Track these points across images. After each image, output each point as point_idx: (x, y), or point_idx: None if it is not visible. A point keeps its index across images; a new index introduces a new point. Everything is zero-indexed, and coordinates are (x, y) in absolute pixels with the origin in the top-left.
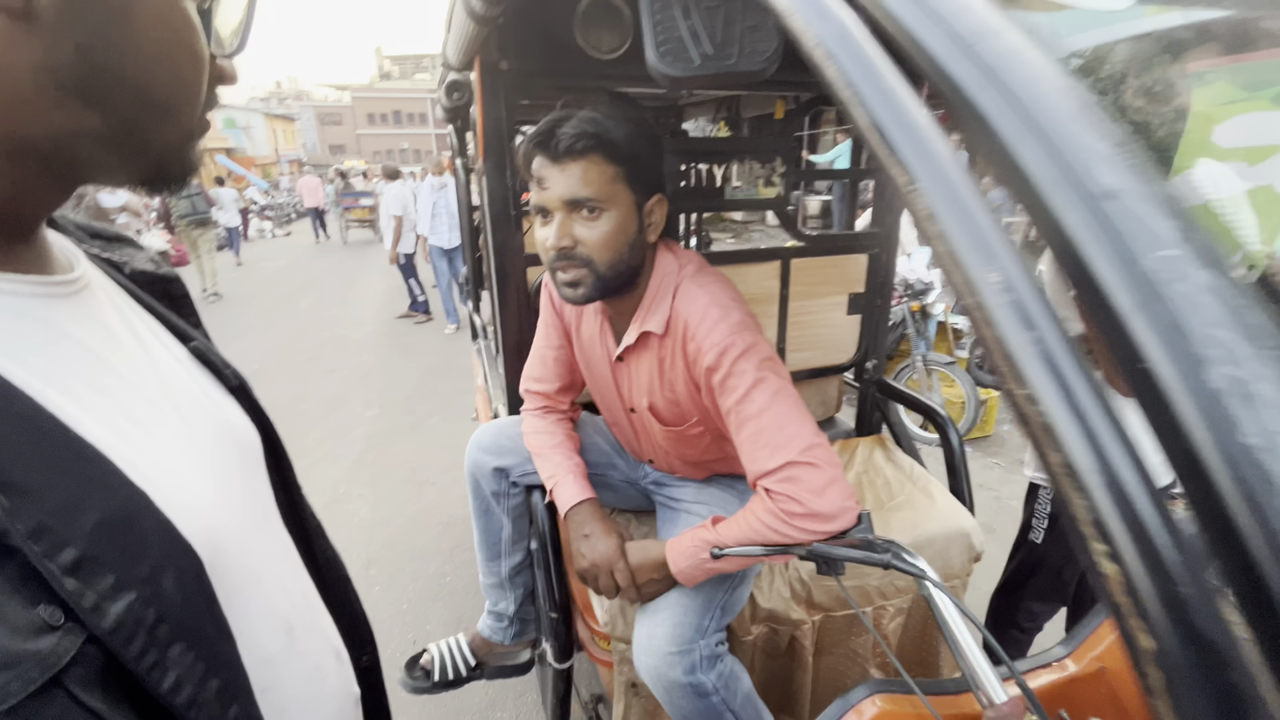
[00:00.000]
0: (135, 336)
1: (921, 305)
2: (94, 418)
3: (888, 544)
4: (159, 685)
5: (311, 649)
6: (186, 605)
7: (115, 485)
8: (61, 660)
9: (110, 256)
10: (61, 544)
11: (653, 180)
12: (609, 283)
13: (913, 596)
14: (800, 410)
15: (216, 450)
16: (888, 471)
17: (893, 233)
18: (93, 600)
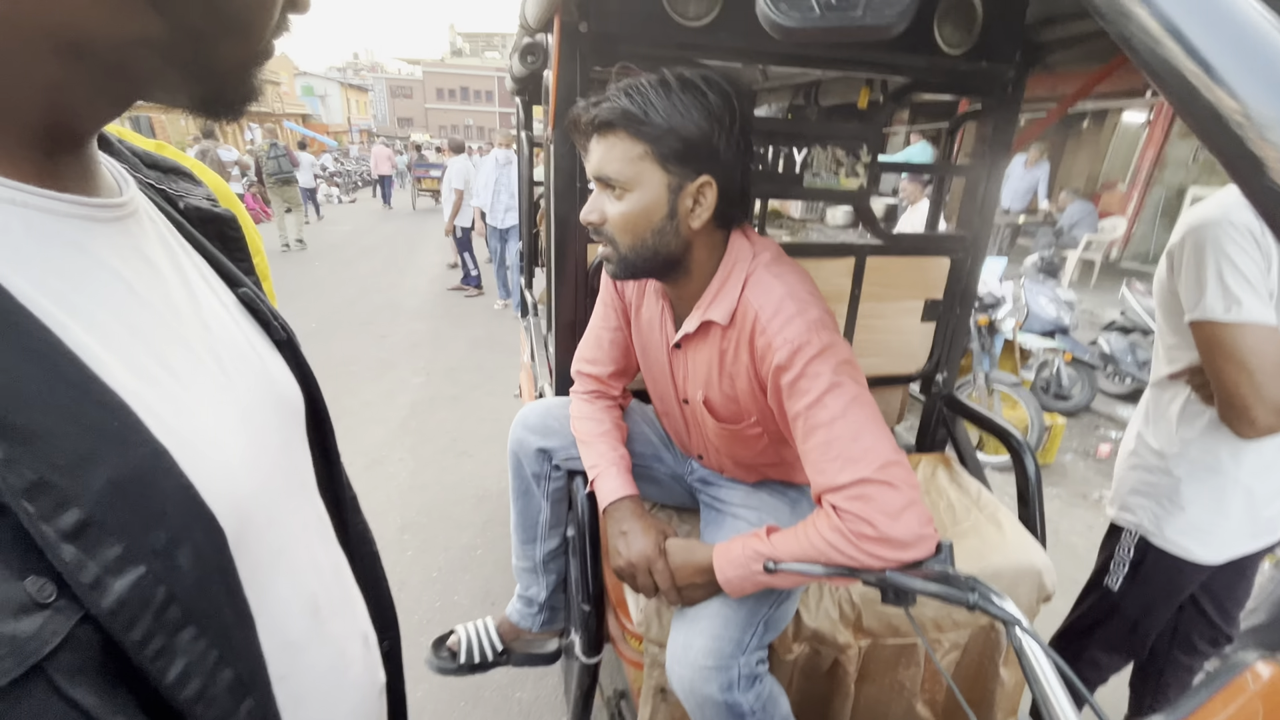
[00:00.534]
0: (180, 275)
1: (990, 320)
2: (121, 359)
3: (971, 581)
4: (163, 676)
5: (338, 633)
6: (203, 584)
7: (135, 439)
8: (46, 646)
9: (166, 188)
10: (63, 504)
11: (700, 161)
12: (634, 265)
13: (971, 633)
14: (878, 422)
15: (256, 408)
16: (951, 494)
17: (980, 237)
18: (94, 573)
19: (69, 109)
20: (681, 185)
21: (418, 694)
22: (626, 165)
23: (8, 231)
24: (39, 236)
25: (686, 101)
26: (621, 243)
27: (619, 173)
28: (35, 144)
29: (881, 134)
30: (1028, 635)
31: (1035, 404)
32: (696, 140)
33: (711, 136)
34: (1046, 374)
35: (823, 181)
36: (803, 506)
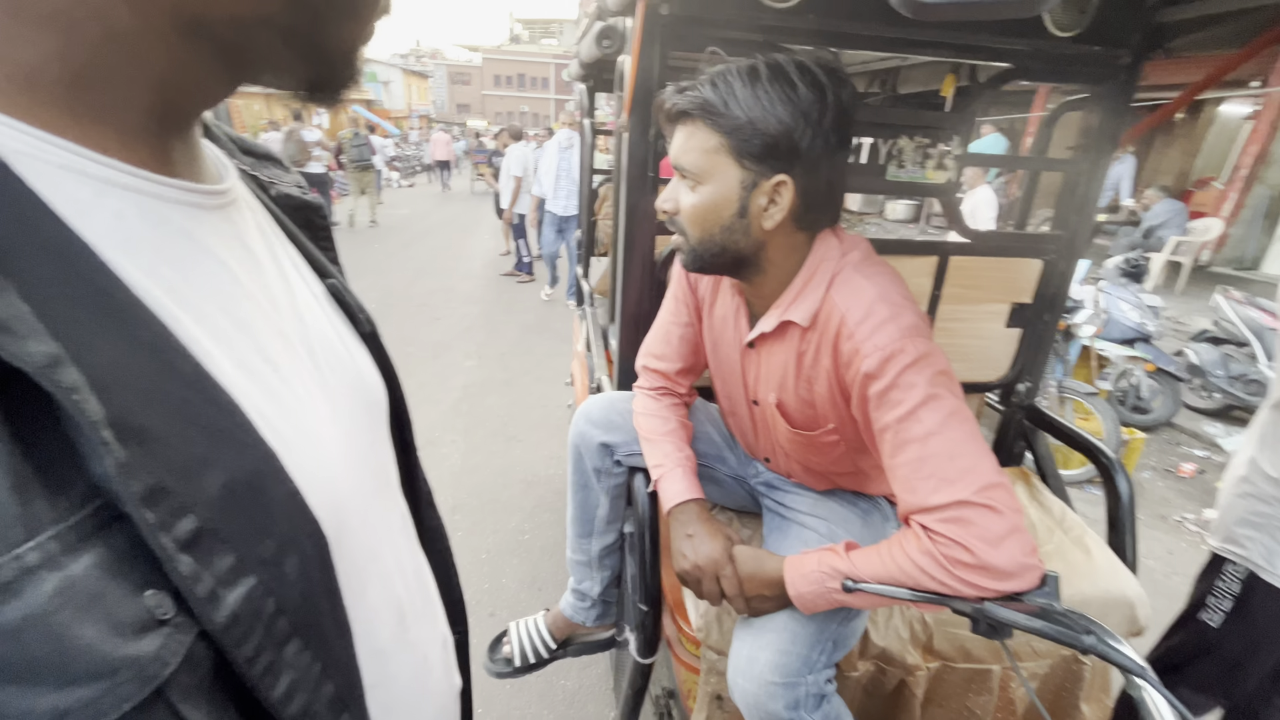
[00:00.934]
0: (276, 265)
1: (1066, 325)
2: (229, 354)
3: (1084, 620)
4: (270, 692)
5: (421, 638)
6: (308, 594)
7: (247, 441)
8: (167, 668)
9: (259, 175)
10: (179, 511)
11: (779, 159)
12: (703, 259)
13: (1051, 664)
14: (977, 440)
15: (347, 404)
16: (1032, 513)
17: (1079, 238)
18: (209, 586)
19: (183, 90)
20: (756, 183)
21: None
22: (701, 156)
23: (122, 218)
24: (152, 223)
25: (772, 94)
26: (691, 235)
27: (693, 163)
28: (149, 127)
29: (973, 124)
30: (1154, 690)
31: (1112, 416)
32: (777, 136)
33: (794, 133)
34: (1125, 384)
35: (908, 175)
36: (874, 518)
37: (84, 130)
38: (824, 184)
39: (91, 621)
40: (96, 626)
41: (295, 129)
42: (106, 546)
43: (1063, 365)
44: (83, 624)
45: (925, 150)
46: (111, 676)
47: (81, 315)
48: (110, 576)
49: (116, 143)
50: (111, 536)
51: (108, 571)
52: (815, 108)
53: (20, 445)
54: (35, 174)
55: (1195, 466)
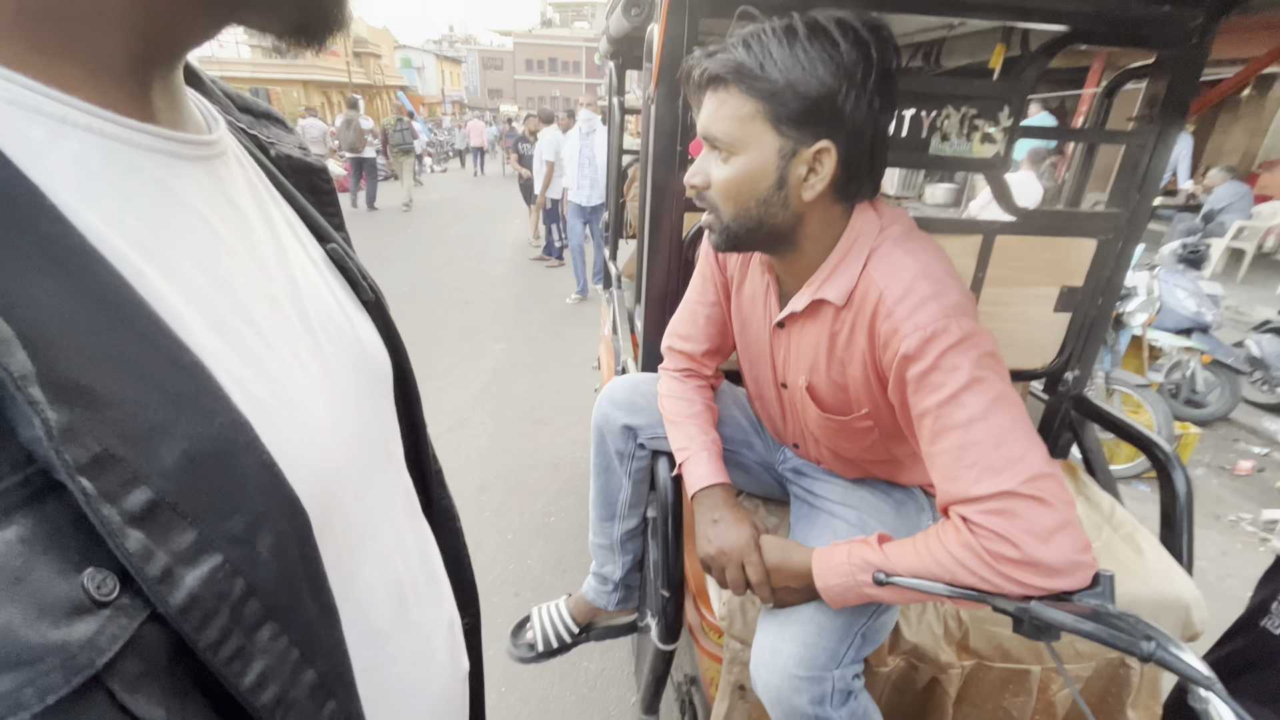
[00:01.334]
0: (269, 224)
1: (1117, 313)
2: (202, 314)
3: (1143, 625)
4: (240, 680)
5: (424, 619)
6: (285, 574)
7: (214, 408)
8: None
9: (258, 134)
10: (130, 481)
11: (820, 124)
12: (737, 236)
13: (1096, 666)
14: (1025, 426)
15: (343, 373)
16: (1080, 508)
17: (1138, 218)
18: (163, 564)
19: (161, 28)
20: (795, 151)
21: (487, 653)
22: (735, 125)
23: (82, 161)
24: (118, 169)
25: (812, 53)
26: (724, 211)
27: (726, 133)
28: (123, 69)
29: (1025, 94)
30: (1222, 703)
31: (1164, 409)
32: (818, 99)
33: (837, 95)
34: (1178, 376)
35: (953, 149)
36: (908, 509)
37: (48, 67)
38: (867, 151)
39: (11, 603)
40: (18, 609)
41: (353, 117)
42: (37, 519)
43: (1111, 355)
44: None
45: (972, 123)
46: (32, 665)
47: (18, 262)
48: (37, 553)
49: (85, 82)
50: (44, 508)
51: (35, 547)
52: (859, 67)
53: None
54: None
55: (1253, 464)
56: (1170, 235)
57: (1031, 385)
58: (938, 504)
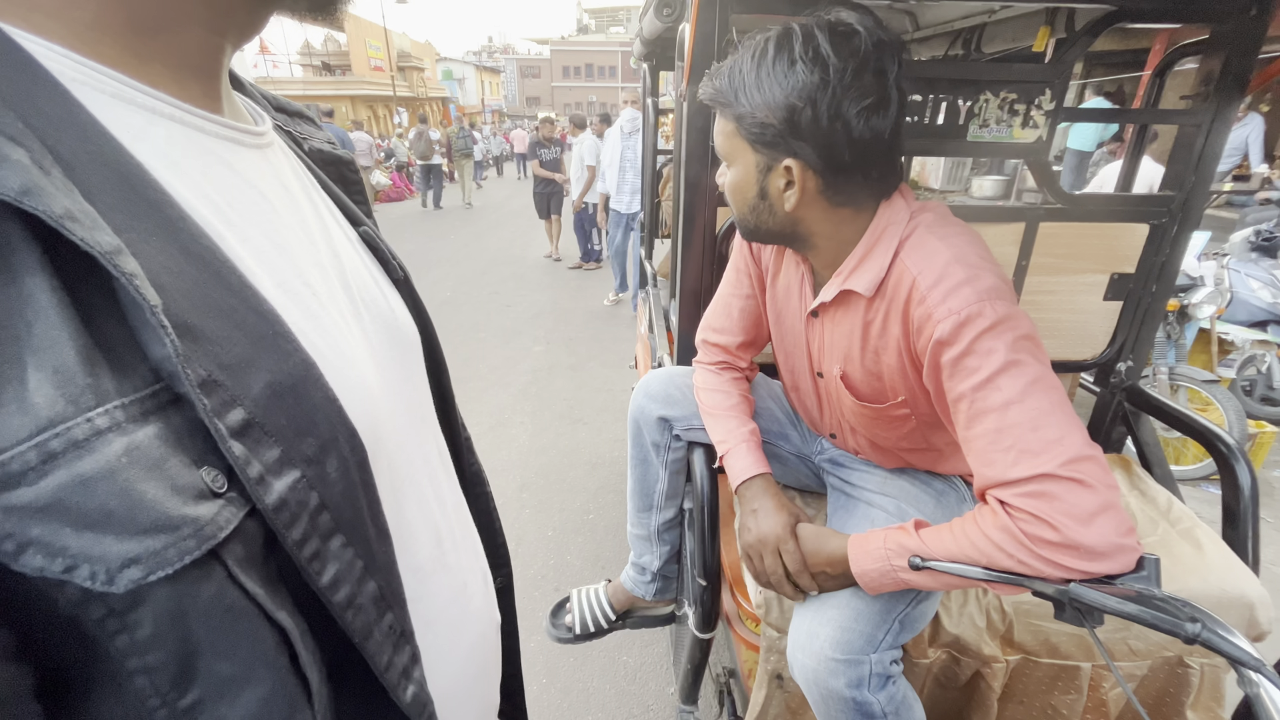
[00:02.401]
0: (313, 206)
1: (1180, 304)
2: (270, 274)
3: (1188, 607)
4: (319, 577)
5: (459, 564)
6: (348, 495)
7: (288, 349)
8: (221, 532)
9: (292, 130)
10: (230, 402)
11: (783, 143)
12: (750, 232)
13: (1151, 664)
14: (1065, 409)
15: (380, 339)
16: (1133, 502)
17: (1194, 201)
18: (258, 470)
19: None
20: (770, 166)
21: (530, 646)
22: (725, 141)
23: (172, 143)
24: (197, 151)
25: (773, 76)
26: (733, 211)
27: (720, 147)
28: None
29: (1069, 75)
30: (1274, 685)
31: (1237, 406)
32: (774, 122)
33: (793, 115)
34: (1252, 372)
35: (992, 135)
36: (949, 499)
37: (141, 67)
38: (851, 155)
39: (155, 482)
40: (160, 487)
41: (424, 130)
42: (166, 423)
43: (1176, 350)
44: (147, 483)
45: (1012, 107)
46: (174, 531)
47: (137, 224)
48: (171, 448)
49: (169, 79)
50: (170, 416)
51: (168, 444)
52: (814, 84)
53: (90, 325)
54: (91, 100)
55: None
56: (1242, 223)
57: (1082, 377)
58: (975, 489)
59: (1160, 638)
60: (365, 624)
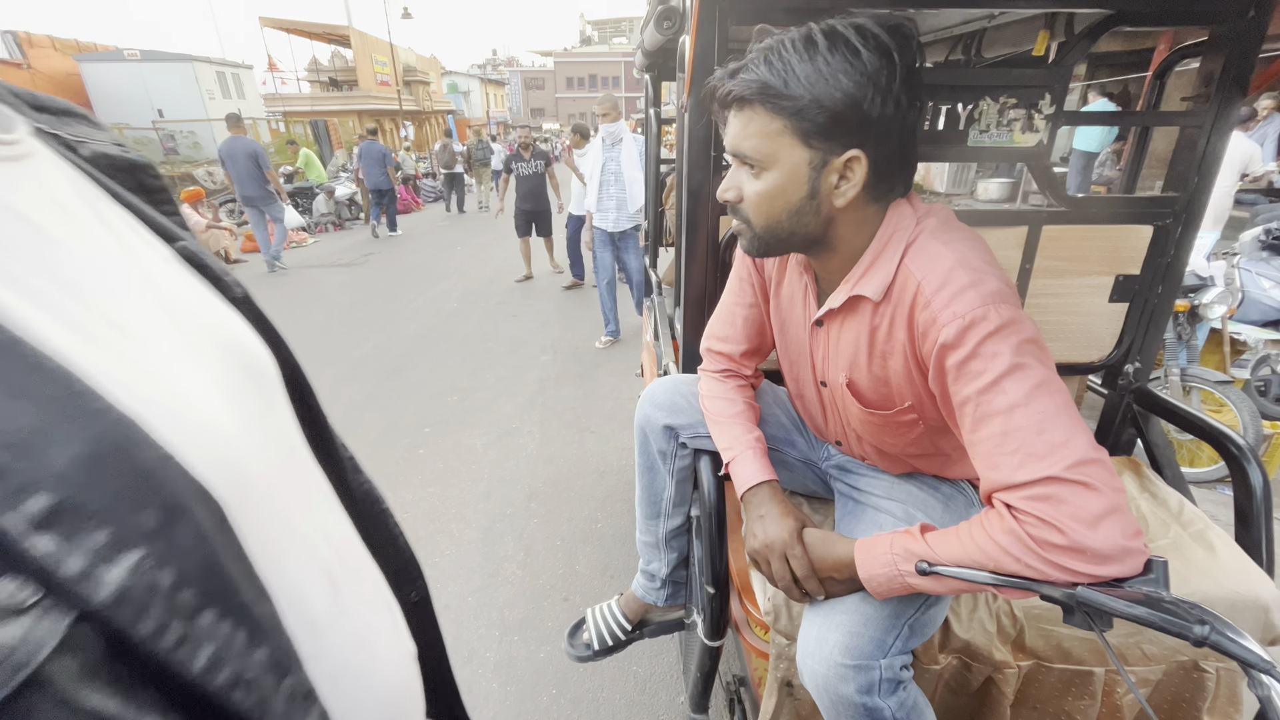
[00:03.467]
0: (105, 225)
1: (1191, 305)
2: (55, 318)
3: (1197, 610)
4: (190, 665)
5: (360, 602)
6: (212, 562)
7: (95, 408)
8: (39, 653)
9: (61, 134)
10: (24, 490)
11: (848, 134)
12: (767, 244)
13: (1165, 669)
14: (1070, 413)
15: (227, 370)
16: (1144, 505)
17: (1197, 201)
18: (80, 565)
19: None
20: (826, 161)
21: (539, 657)
22: (764, 142)
23: None
24: None
25: (834, 64)
26: (755, 223)
27: (756, 149)
28: None
29: (1068, 79)
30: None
31: (1250, 407)
32: (844, 110)
33: (863, 103)
34: (1266, 372)
35: (992, 139)
36: (957, 503)
37: None
38: (897, 151)
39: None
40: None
41: (448, 142)
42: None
43: (1187, 351)
44: None
45: (1012, 112)
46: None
47: None
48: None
49: None
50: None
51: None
52: (883, 72)
53: None
54: None
55: None
56: (1252, 221)
57: (1090, 379)
58: (981, 493)
59: (1174, 641)
60: (261, 698)
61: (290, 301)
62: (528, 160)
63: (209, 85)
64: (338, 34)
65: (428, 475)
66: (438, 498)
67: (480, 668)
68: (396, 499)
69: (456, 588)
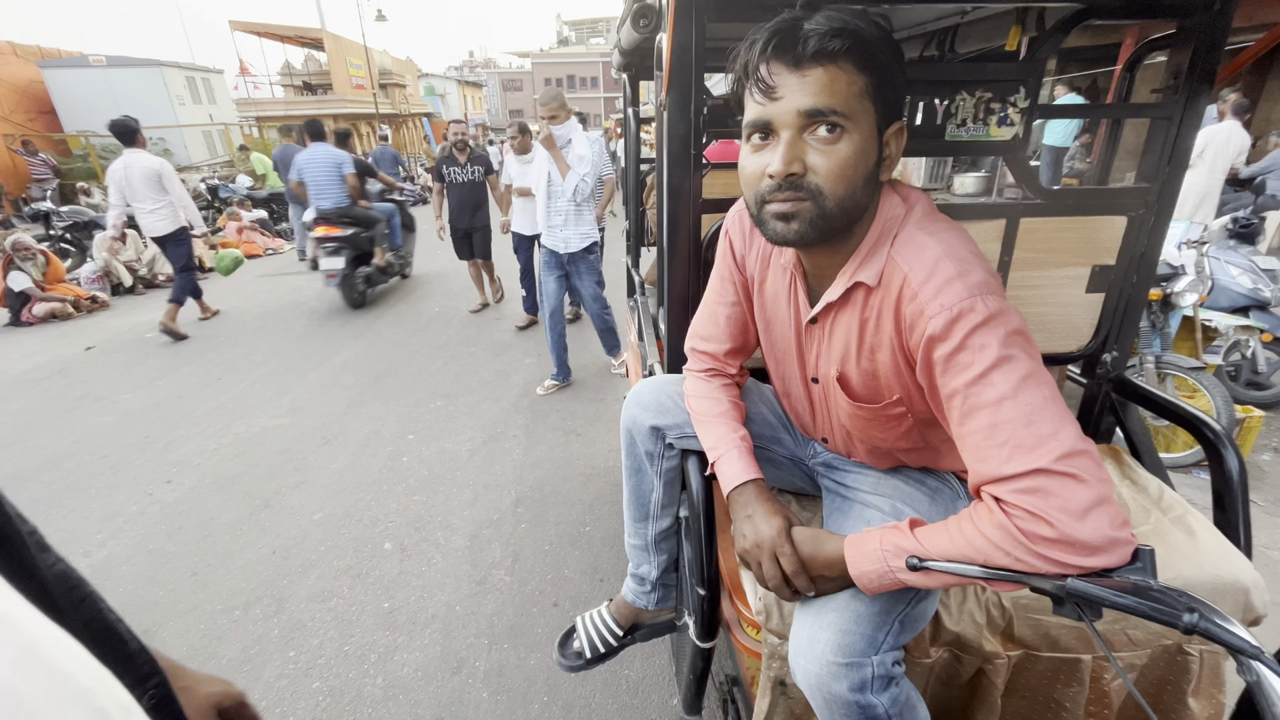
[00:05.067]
0: None
1: (1163, 293)
2: None
3: (1185, 597)
4: None
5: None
6: None
7: None
8: None
9: None
10: None
11: (897, 102)
12: (833, 223)
13: (1151, 654)
14: (1057, 404)
15: None
16: (1125, 492)
17: (1168, 191)
18: None
19: None
20: (884, 129)
21: (530, 663)
22: (851, 100)
23: None
24: None
25: (887, 32)
26: (831, 195)
27: (844, 107)
28: None
29: (1041, 74)
30: (1273, 672)
31: (1223, 393)
32: (897, 77)
33: (904, 74)
34: (1237, 357)
35: (969, 133)
36: (943, 496)
37: None
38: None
39: None
40: None
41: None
42: None
43: (1161, 338)
44: None
45: (988, 106)
46: None
47: None
48: None
49: None
50: None
51: None
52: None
53: None
54: None
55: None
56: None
57: (1069, 369)
58: (970, 485)
59: (1158, 627)
60: None
61: (271, 309)
62: (463, 165)
63: (178, 90)
64: (311, 37)
65: (412, 483)
66: (423, 505)
67: (470, 677)
68: (381, 508)
69: (444, 596)
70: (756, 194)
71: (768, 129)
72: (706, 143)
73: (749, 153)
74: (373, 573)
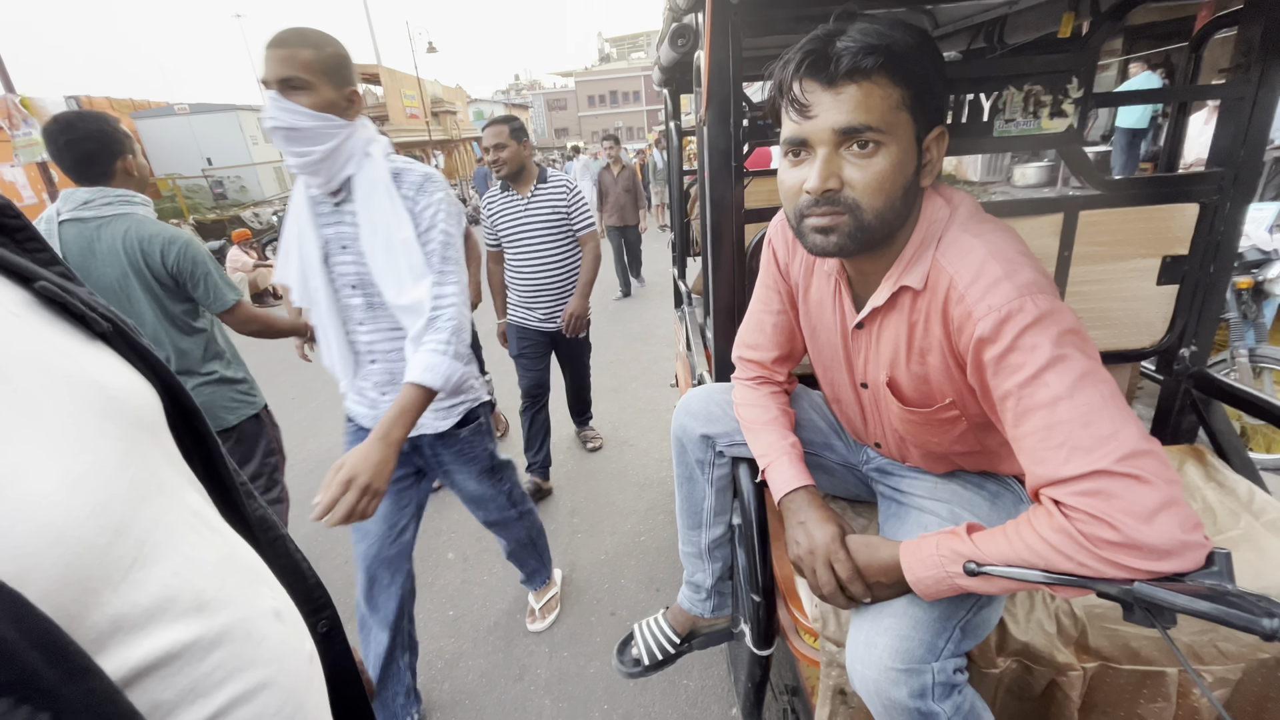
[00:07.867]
0: None
1: (1255, 281)
2: None
3: (1267, 602)
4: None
5: (235, 617)
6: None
7: None
8: None
9: None
10: None
11: (937, 109)
12: (872, 234)
13: (1245, 668)
14: (1117, 403)
15: (74, 422)
16: (1210, 495)
17: (1245, 175)
18: None
19: None
20: (923, 137)
21: (589, 672)
22: (886, 114)
23: None
24: None
25: (926, 39)
26: (869, 208)
27: (880, 122)
28: None
29: (1095, 60)
30: None
31: None
32: (937, 84)
33: (944, 80)
34: None
35: (1019, 128)
36: (1004, 501)
37: None
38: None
39: None
40: None
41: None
42: None
43: (1255, 330)
44: None
45: (1038, 99)
46: None
47: None
48: None
49: None
50: None
51: None
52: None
53: None
54: None
55: None
56: None
57: (1143, 366)
58: (1028, 488)
59: (1253, 639)
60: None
61: None
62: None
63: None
64: (368, 73)
65: None
66: None
67: (532, 685)
68: (443, 519)
69: (504, 605)
70: (795, 208)
71: (803, 145)
72: (747, 153)
73: (787, 167)
74: (437, 582)
